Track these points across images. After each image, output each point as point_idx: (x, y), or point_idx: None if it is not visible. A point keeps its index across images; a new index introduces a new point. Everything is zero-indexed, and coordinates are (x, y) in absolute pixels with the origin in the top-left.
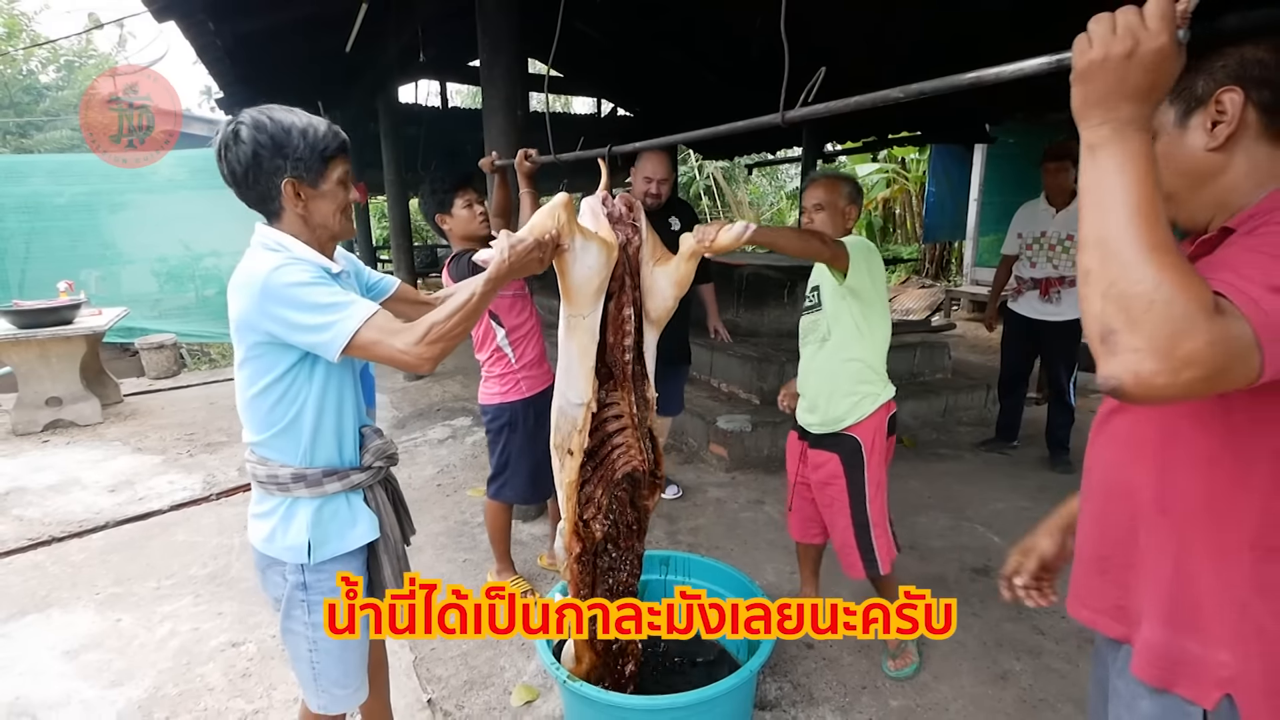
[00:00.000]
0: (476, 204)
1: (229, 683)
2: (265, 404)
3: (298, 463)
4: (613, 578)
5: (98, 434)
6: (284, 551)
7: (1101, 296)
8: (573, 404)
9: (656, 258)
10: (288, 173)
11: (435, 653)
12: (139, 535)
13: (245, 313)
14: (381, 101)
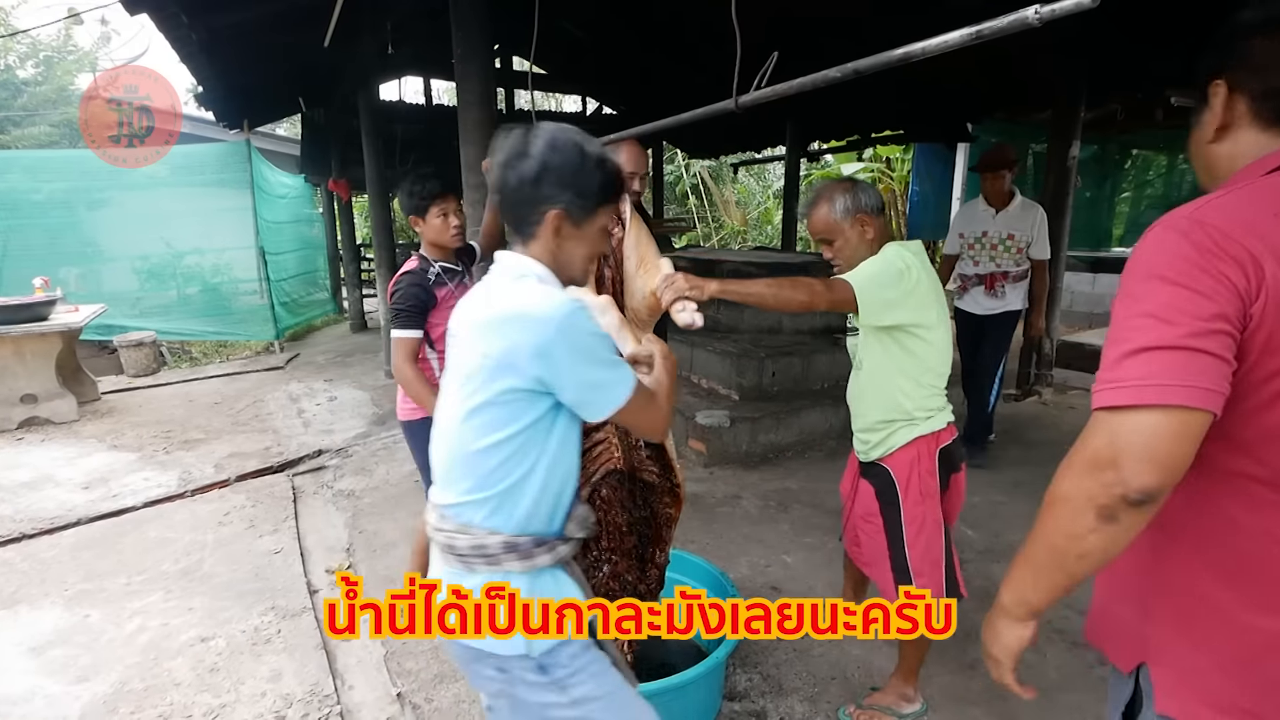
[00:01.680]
0: (453, 215)
1: (196, 677)
2: (495, 458)
3: (510, 530)
4: (596, 575)
5: (74, 431)
6: (499, 641)
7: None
8: None
9: (643, 258)
10: (561, 203)
11: (407, 647)
12: (111, 532)
13: (516, 351)
14: (362, 98)
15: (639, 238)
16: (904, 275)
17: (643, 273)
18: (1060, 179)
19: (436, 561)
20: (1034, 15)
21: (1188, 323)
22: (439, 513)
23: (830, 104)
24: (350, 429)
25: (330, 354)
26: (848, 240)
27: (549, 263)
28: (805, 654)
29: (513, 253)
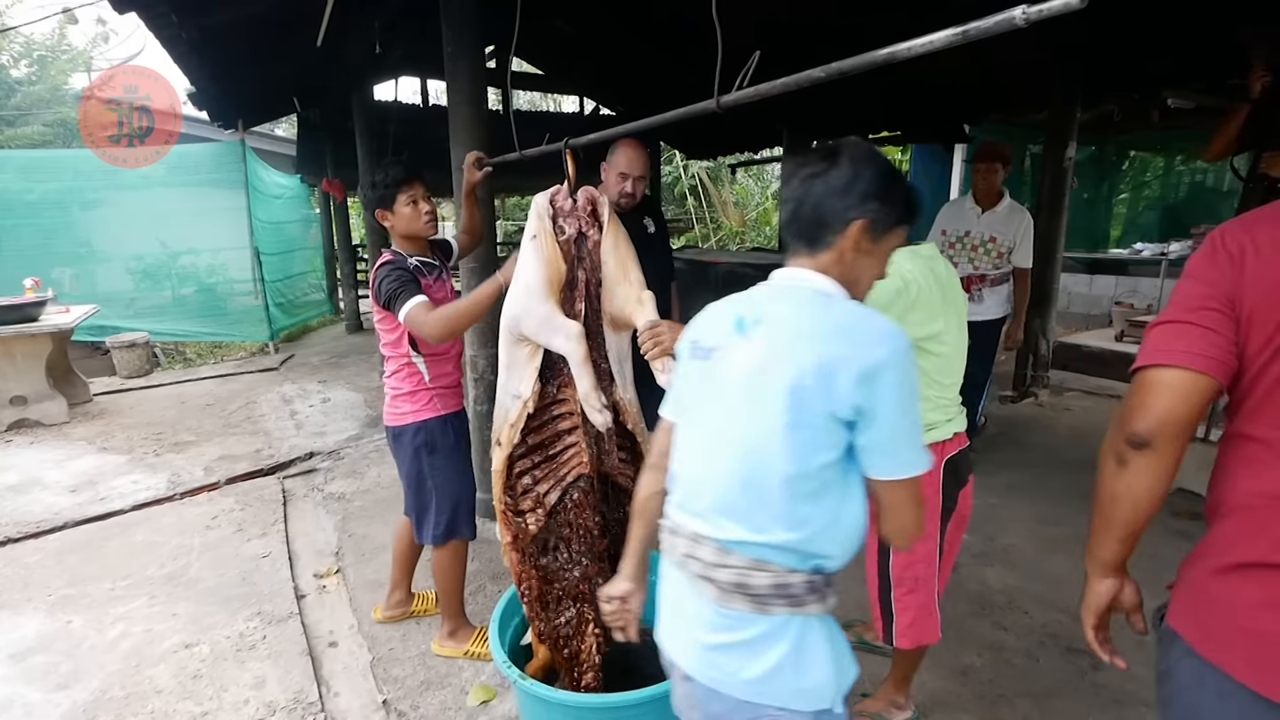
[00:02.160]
0: (423, 200)
1: (179, 684)
2: (805, 488)
3: (808, 569)
4: (568, 578)
5: (63, 433)
6: (797, 696)
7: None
8: (510, 396)
9: (621, 262)
10: (867, 214)
11: (394, 653)
12: (97, 536)
13: (840, 369)
14: (355, 98)
15: (617, 241)
16: (901, 293)
17: (622, 281)
18: (1056, 180)
19: (687, 597)
20: (1020, 16)
21: (1187, 304)
22: (715, 546)
23: (827, 105)
24: (343, 431)
25: (325, 355)
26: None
27: (839, 277)
28: None
29: (797, 268)
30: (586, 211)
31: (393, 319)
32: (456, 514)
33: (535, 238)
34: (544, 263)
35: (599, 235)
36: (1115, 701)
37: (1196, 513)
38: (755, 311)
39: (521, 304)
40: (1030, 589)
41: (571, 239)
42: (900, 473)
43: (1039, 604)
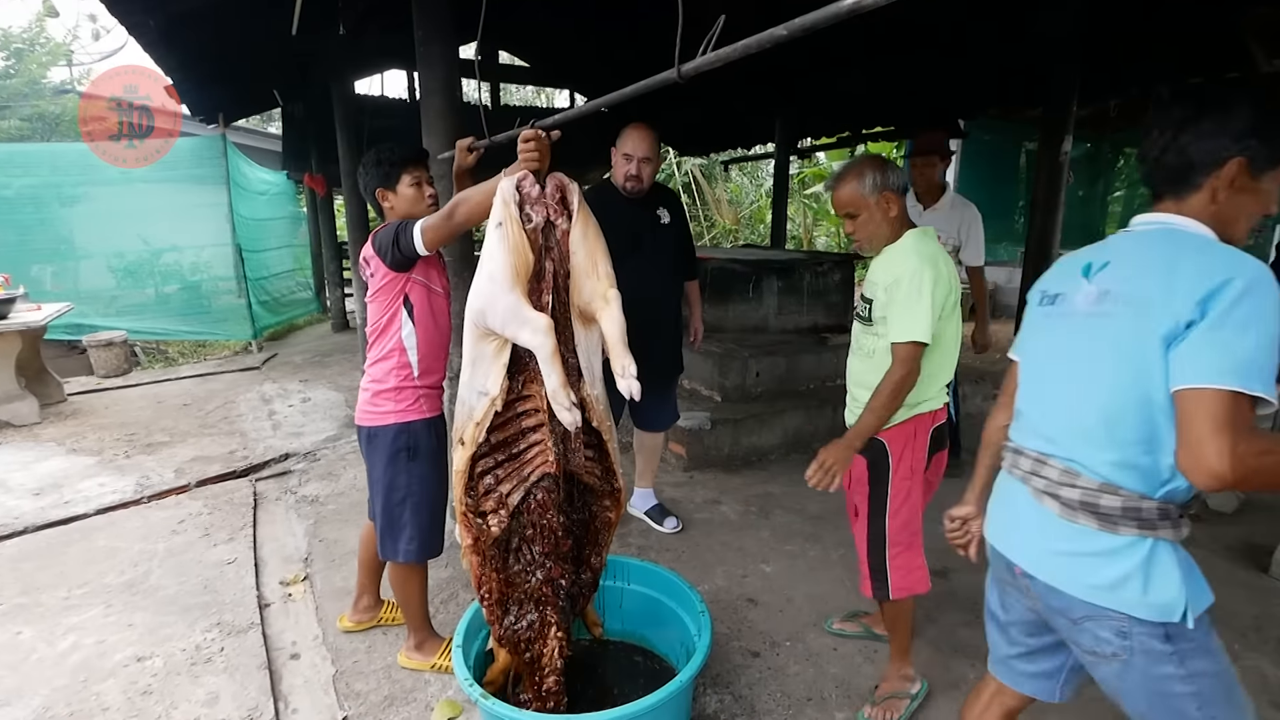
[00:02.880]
0: (427, 184)
1: (126, 701)
2: (1156, 415)
3: (1159, 496)
4: (529, 581)
5: (34, 434)
6: (1143, 607)
7: None
8: (476, 392)
9: (590, 254)
10: (1245, 151)
11: (358, 666)
12: (57, 541)
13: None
14: (335, 90)
15: (586, 231)
16: (937, 282)
17: (590, 274)
18: (1052, 176)
19: (1028, 508)
20: None
21: None
22: (1062, 467)
23: (820, 99)
24: (320, 431)
25: (309, 354)
26: (871, 216)
27: (1211, 218)
28: (780, 673)
29: (1157, 214)
30: (555, 199)
31: (392, 284)
32: (431, 530)
33: (500, 225)
34: (510, 251)
35: (568, 225)
36: (1117, 716)
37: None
38: (1103, 255)
39: (486, 294)
40: None
41: (539, 227)
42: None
43: None
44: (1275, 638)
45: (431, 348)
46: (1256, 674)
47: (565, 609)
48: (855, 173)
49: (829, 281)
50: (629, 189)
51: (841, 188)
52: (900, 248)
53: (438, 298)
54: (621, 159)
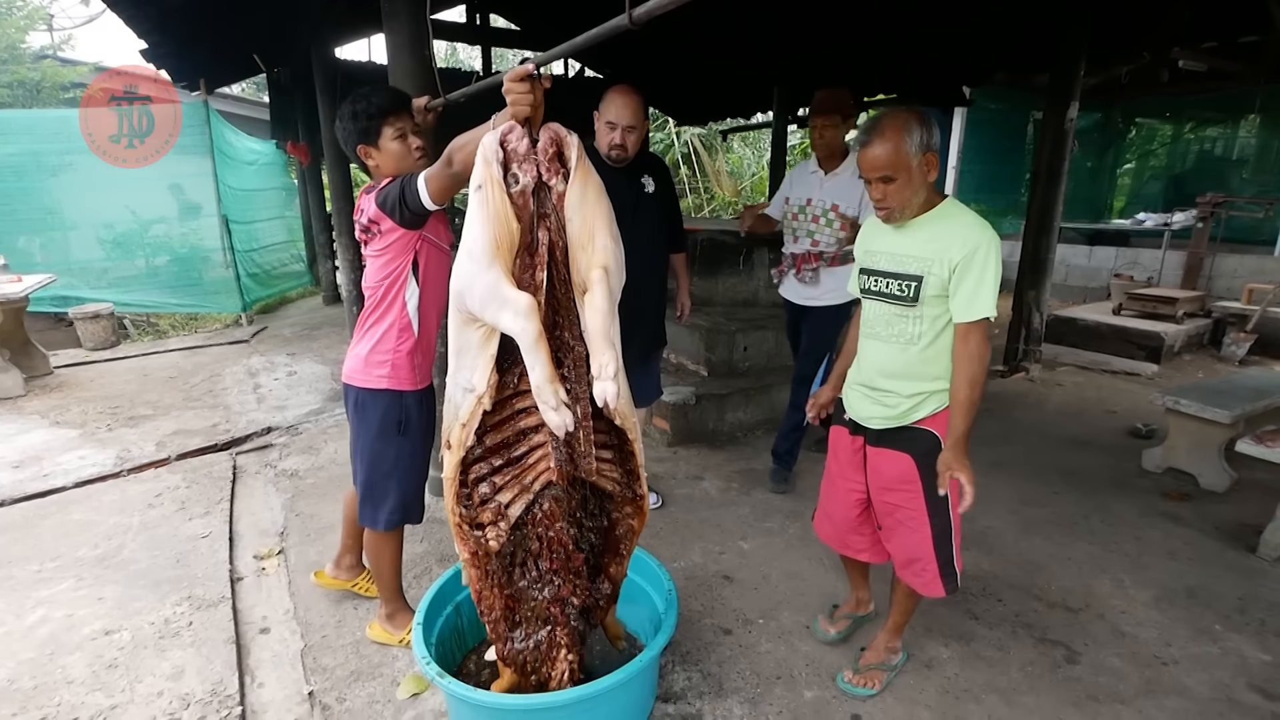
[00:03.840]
0: (411, 134)
1: (92, 675)
2: None
3: None
4: (537, 599)
5: (17, 407)
6: None
7: None
8: (462, 389)
9: (587, 222)
10: None
11: (326, 640)
12: (33, 514)
13: None
14: (316, 55)
15: (585, 193)
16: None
17: (585, 245)
18: (1057, 144)
19: None
20: None
21: None
22: None
23: (820, 66)
24: (304, 405)
25: (298, 327)
26: (911, 180)
27: None
28: (751, 650)
29: None
30: (548, 155)
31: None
32: (414, 499)
33: (480, 188)
34: (489, 219)
35: (564, 185)
36: (1089, 698)
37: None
38: None
39: (465, 273)
40: (1006, 574)
41: (528, 190)
42: None
43: (1014, 590)
44: (1258, 619)
45: (437, 312)
46: (1236, 655)
47: (577, 629)
48: (897, 127)
49: None
50: (614, 158)
51: (877, 145)
52: (959, 219)
53: (445, 256)
54: (605, 127)
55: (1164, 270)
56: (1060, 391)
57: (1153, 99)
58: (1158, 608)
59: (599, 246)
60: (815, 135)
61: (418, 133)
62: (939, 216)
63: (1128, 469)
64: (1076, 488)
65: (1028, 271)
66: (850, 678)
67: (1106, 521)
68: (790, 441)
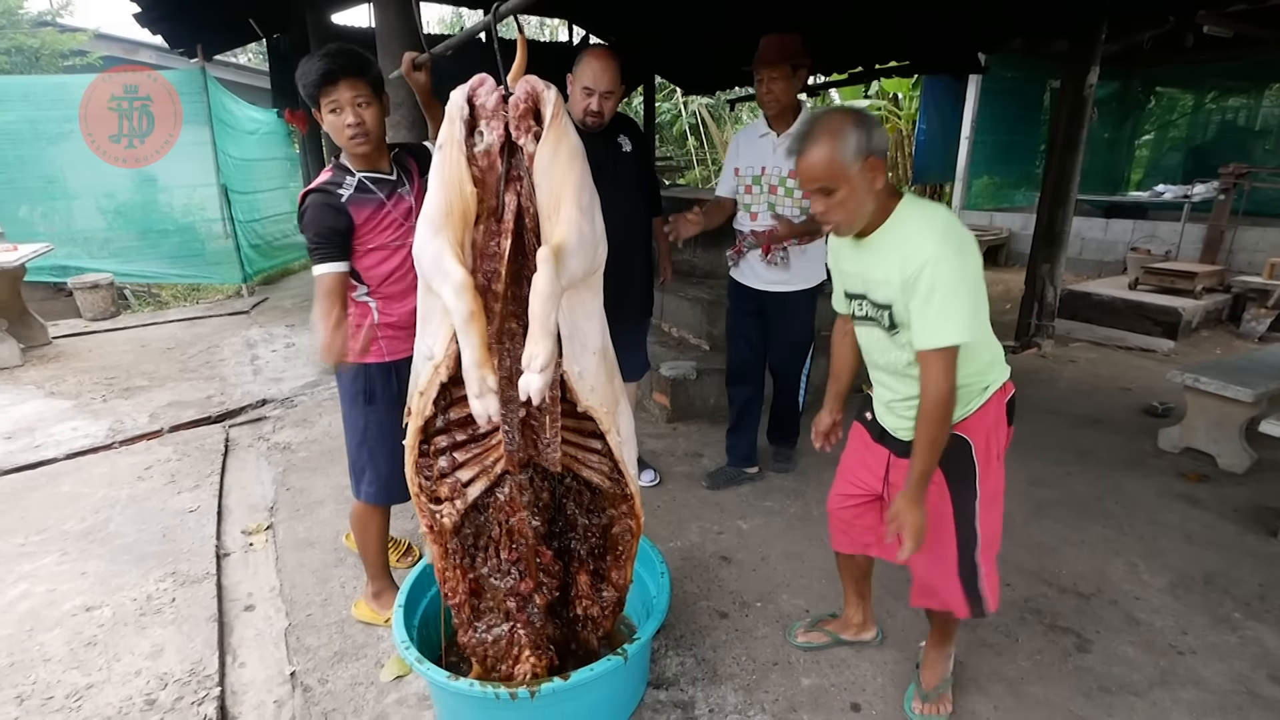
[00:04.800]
0: (348, 109)
1: (70, 652)
2: None
3: None
4: (495, 588)
5: (14, 377)
6: None
7: None
8: (422, 357)
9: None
10: None
11: (311, 619)
12: (22, 486)
13: None
14: (310, 19)
15: (556, 155)
16: (968, 266)
17: (552, 214)
18: (1074, 112)
19: None
20: None
21: None
22: None
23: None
24: (301, 377)
25: (299, 298)
26: (854, 190)
27: None
28: (748, 635)
29: None
30: (519, 111)
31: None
32: (390, 477)
33: (441, 148)
34: (442, 183)
35: (534, 146)
36: (1100, 689)
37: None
38: None
39: (419, 238)
40: (1014, 558)
41: (494, 150)
42: None
43: (1023, 575)
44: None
45: (393, 295)
46: (1257, 645)
47: (543, 630)
48: (830, 131)
49: None
50: (589, 124)
51: (809, 153)
52: (907, 226)
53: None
54: (580, 92)
55: (1183, 244)
56: (1073, 368)
57: (1174, 67)
58: (1173, 594)
59: (563, 218)
60: (761, 90)
61: (360, 106)
62: (892, 226)
63: (1143, 449)
64: (1089, 468)
65: (1042, 244)
66: (921, 708)
67: (1120, 503)
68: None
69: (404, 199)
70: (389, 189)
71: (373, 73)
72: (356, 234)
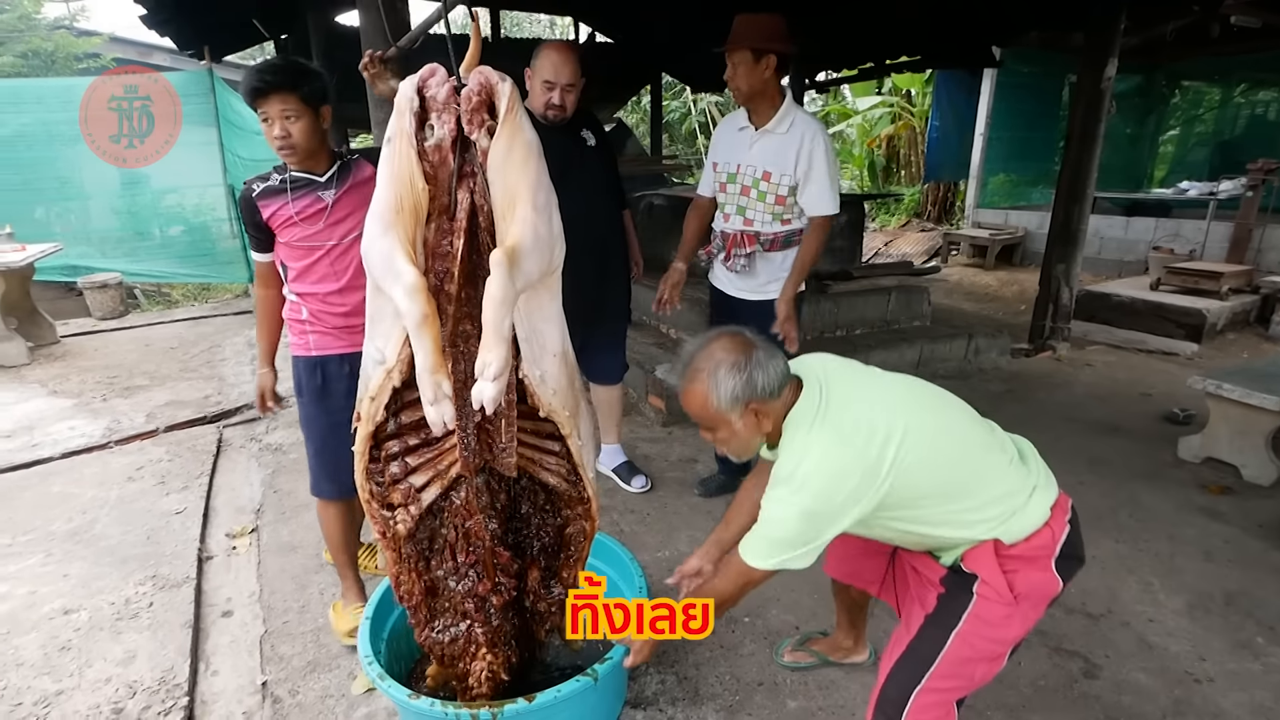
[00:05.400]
0: (277, 121)
1: (44, 657)
2: None
3: None
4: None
5: (19, 376)
6: None
7: None
8: (373, 360)
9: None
10: None
11: (287, 626)
12: (14, 485)
13: None
14: (313, 21)
15: (511, 150)
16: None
17: (506, 213)
18: (1091, 105)
19: None
20: None
21: None
22: None
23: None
24: None
25: None
26: (735, 434)
27: None
28: (733, 652)
29: None
30: (472, 104)
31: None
32: (319, 471)
33: (390, 141)
34: (391, 178)
35: (487, 141)
36: (1109, 719)
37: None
38: None
39: (367, 235)
40: None
41: (445, 144)
42: None
43: None
44: None
45: (314, 294)
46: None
47: (500, 628)
48: (704, 373)
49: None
50: (550, 117)
51: (686, 390)
52: (792, 447)
53: (308, 251)
54: (541, 86)
55: (1208, 242)
56: (1090, 372)
57: (1200, 60)
58: (1191, 616)
59: (518, 217)
60: (729, 75)
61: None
62: (784, 435)
63: (1162, 458)
64: (1104, 478)
65: (1057, 243)
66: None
67: (1136, 516)
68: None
69: (320, 200)
70: (306, 188)
71: (308, 86)
72: (270, 227)
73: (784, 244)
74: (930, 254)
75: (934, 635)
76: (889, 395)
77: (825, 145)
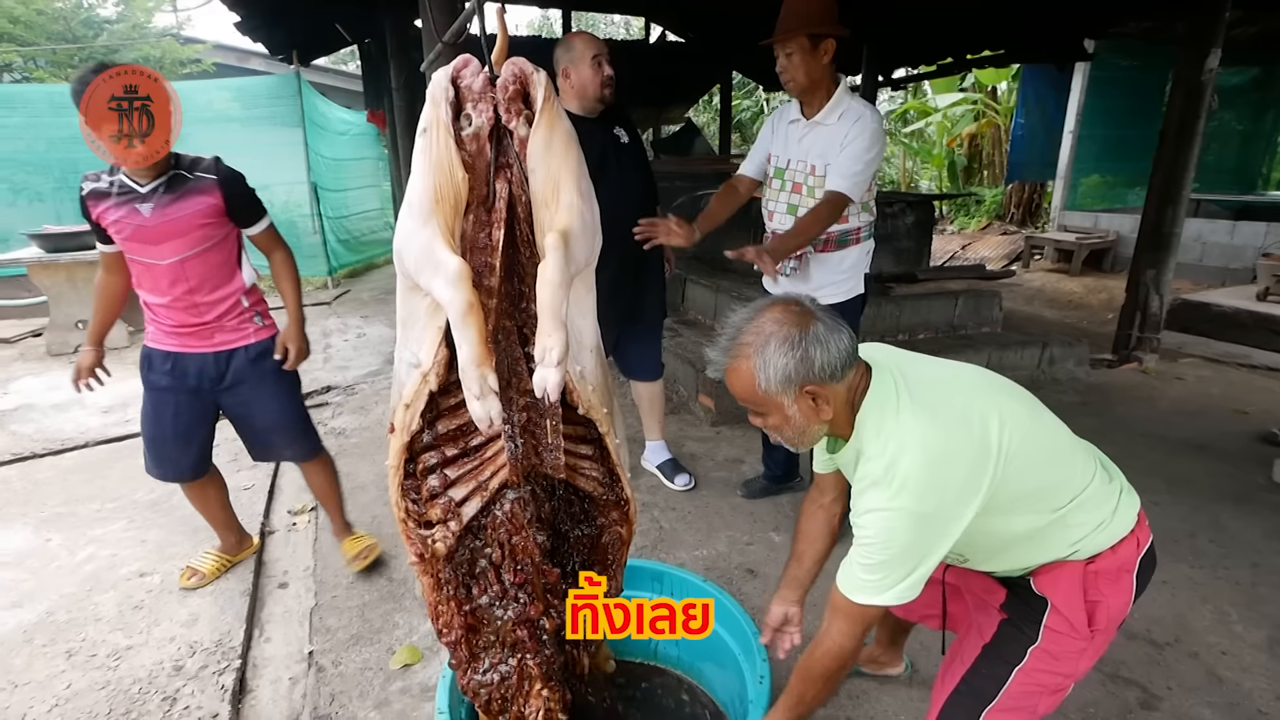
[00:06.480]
0: (106, 122)
1: (118, 614)
2: None
3: None
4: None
5: (120, 357)
6: None
7: None
8: (406, 364)
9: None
10: None
11: (335, 600)
12: (107, 457)
13: None
14: (388, 23)
15: (551, 140)
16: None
17: (549, 202)
18: (1190, 99)
19: None
20: None
21: None
22: None
23: (915, 19)
24: (365, 366)
25: (377, 291)
26: (788, 420)
27: None
28: None
29: None
30: (509, 94)
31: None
32: (145, 452)
33: (425, 132)
34: (431, 168)
35: (526, 130)
36: None
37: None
38: None
39: (404, 230)
40: None
41: (483, 133)
42: None
43: None
44: None
45: (140, 285)
46: None
47: (553, 659)
48: (751, 350)
49: (899, 225)
50: (607, 96)
51: (730, 369)
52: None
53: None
54: (591, 66)
55: None
56: (1179, 386)
57: None
58: (1271, 651)
59: (564, 204)
60: (782, 69)
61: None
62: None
63: (1253, 481)
64: (1184, 499)
65: (1147, 247)
66: None
67: (1217, 541)
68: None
69: (136, 213)
70: (127, 196)
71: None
72: (103, 227)
73: (839, 243)
74: (1010, 258)
75: (994, 671)
76: (974, 378)
77: (869, 129)
